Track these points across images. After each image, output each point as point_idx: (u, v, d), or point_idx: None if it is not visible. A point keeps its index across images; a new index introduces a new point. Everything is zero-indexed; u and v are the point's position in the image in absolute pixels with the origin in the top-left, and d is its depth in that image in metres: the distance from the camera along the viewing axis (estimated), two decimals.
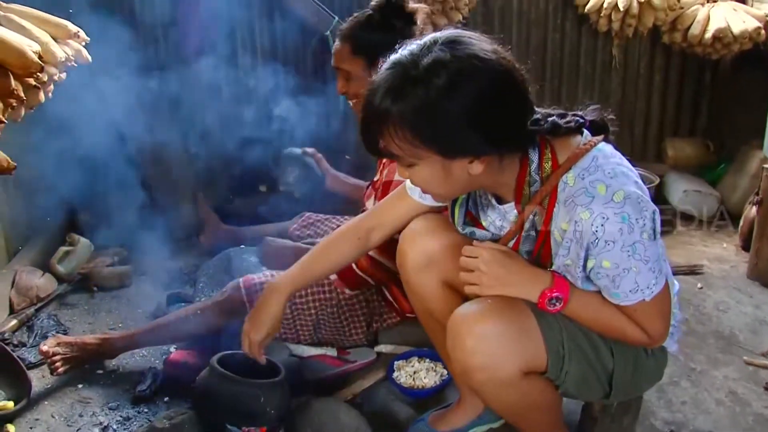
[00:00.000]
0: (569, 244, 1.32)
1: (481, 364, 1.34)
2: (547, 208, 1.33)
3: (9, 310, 2.43)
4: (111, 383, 2.05)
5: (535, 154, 1.34)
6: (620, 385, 1.47)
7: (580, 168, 1.30)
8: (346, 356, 2.13)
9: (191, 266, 2.81)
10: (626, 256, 1.26)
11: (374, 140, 1.29)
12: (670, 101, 3.74)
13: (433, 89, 1.20)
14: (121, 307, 2.56)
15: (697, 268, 2.77)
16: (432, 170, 1.29)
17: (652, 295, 1.32)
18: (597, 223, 1.25)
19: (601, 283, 1.34)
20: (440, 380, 1.97)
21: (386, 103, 1.23)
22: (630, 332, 1.37)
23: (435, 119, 1.22)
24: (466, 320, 1.37)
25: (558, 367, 1.40)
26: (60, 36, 2.18)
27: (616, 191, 1.25)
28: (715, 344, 2.21)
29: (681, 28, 3.32)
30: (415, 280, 1.65)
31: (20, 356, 2.09)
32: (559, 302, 1.35)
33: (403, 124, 1.23)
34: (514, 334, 1.35)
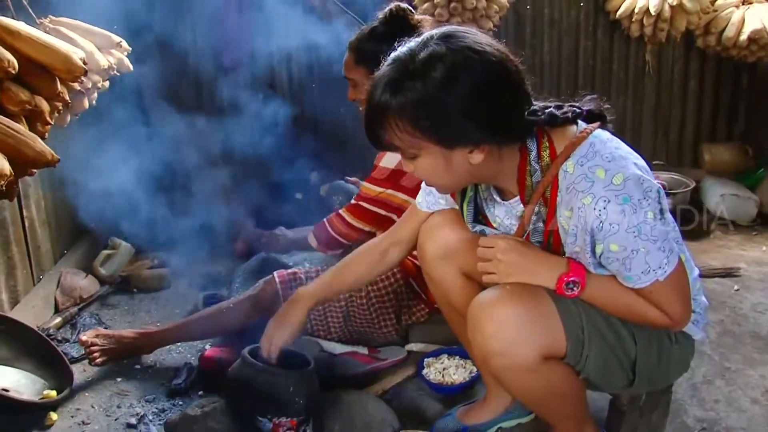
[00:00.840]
0: (575, 231, 1.33)
1: (501, 349, 1.36)
2: (550, 197, 1.35)
3: (54, 309, 2.54)
4: (148, 377, 2.12)
5: (533, 144, 1.36)
6: (644, 373, 1.46)
7: (579, 155, 1.32)
8: (376, 354, 2.16)
9: (227, 269, 2.88)
10: (632, 237, 1.27)
11: (377, 133, 1.34)
12: (706, 106, 3.70)
13: (430, 82, 1.24)
14: (159, 308, 2.65)
15: (733, 270, 2.72)
16: (433, 160, 1.32)
17: (666, 275, 1.31)
18: (599, 207, 1.26)
19: (613, 267, 1.34)
20: (469, 377, 1.98)
21: (386, 97, 1.28)
22: (651, 315, 1.36)
23: (433, 111, 1.26)
24: (486, 306, 1.39)
25: (578, 352, 1.40)
26: (104, 46, 2.30)
27: (615, 174, 1.27)
28: (752, 344, 2.17)
29: (715, 31, 3.29)
30: (435, 271, 1.68)
31: (64, 351, 2.18)
32: (576, 286, 1.36)
33: (402, 117, 1.27)
34: (532, 318, 1.36)
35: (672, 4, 3.15)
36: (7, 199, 1.60)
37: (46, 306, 2.50)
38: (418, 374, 2.03)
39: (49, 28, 2.16)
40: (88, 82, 2.14)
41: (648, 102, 3.69)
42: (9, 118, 1.64)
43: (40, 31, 1.94)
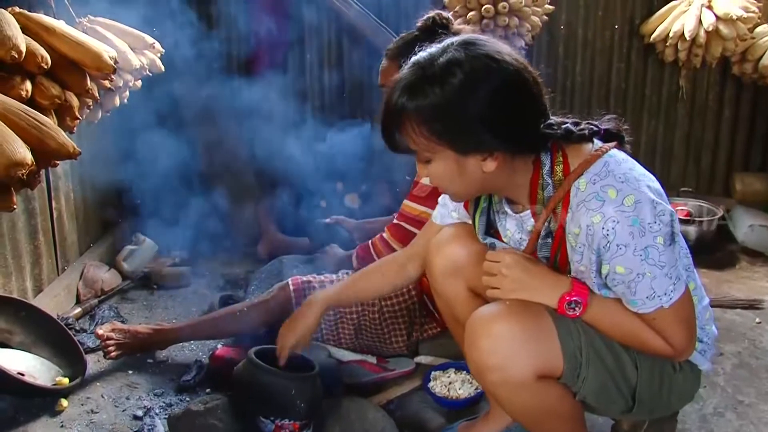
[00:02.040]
0: (582, 249, 1.32)
1: (495, 364, 1.35)
2: (561, 213, 1.34)
3: (75, 299, 2.61)
4: (159, 372, 2.16)
5: (548, 158, 1.36)
6: (645, 400, 1.43)
7: (592, 173, 1.31)
8: (385, 364, 2.16)
9: (247, 271, 2.92)
10: (639, 260, 1.26)
11: (393, 136, 1.35)
12: (741, 134, 3.62)
13: (447, 87, 1.26)
14: (177, 305, 2.70)
15: (756, 303, 2.65)
16: (446, 166, 1.33)
17: (671, 302, 1.30)
18: (608, 227, 1.25)
19: (618, 290, 1.33)
20: (474, 392, 1.97)
21: (403, 100, 1.30)
22: (653, 342, 1.34)
23: (449, 116, 1.27)
24: (483, 320, 1.38)
25: (575, 373, 1.38)
26: (137, 46, 2.37)
27: (627, 195, 1.26)
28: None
29: (752, 58, 3.23)
30: (442, 285, 1.68)
31: (80, 341, 2.23)
32: (578, 307, 1.35)
33: (419, 120, 1.29)
34: (529, 335, 1.35)
35: (708, 29, 3.10)
36: (29, 188, 1.65)
37: (68, 296, 2.57)
38: (423, 387, 2.02)
39: (86, 27, 2.23)
40: (120, 80, 2.21)
41: (680, 127, 3.63)
42: (39, 111, 1.70)
43: (76, 30, 2.02)
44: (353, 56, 3.54)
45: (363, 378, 2.10)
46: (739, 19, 3.09)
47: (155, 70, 2.44)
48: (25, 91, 1.68)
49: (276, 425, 1.73)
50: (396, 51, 2.14)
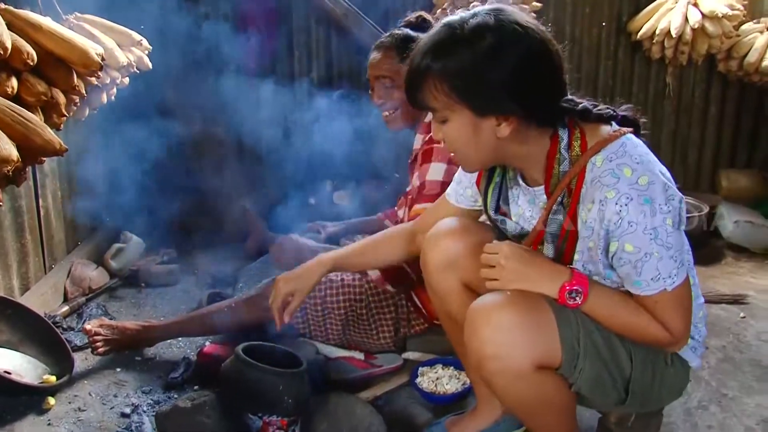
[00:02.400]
0: (593, 224, 1.34)
1: (494, 353, 1.36)
2: (575, 188, 1.37)
3: (63, 298, 2.61)
4: (146, 369, 2.16)
5: (565, 133, 1.38)
6: (637, 393, 1.45)
7: (609, 151, 1.34)
8: (373, 360, 2.17)
9: (235, 269, 2.92)
10: (648, 239, 1.28)
11: (416, 92, 1.38)
12: (726, 131, 3.66)
13: (475, 48, 1.30)
14: (165, 303, 2.70)
15: (741, 298, 2.68)
16: (462, 126, 1.36)
17: (674, 286, 1.32)
18: (621, 203, 1.28)
19: (623, 270, 1.35)
20: (462, 387, 1.98)
21: (429, 56, 1.33)
22: (652, 329, 1.36)
23: (472, 76, 1.31)
24: (483, 310, 1.39)
25: (572, 364, 1.39)
26: (125, 43, 2.36)
27: (641, 175, 1.29)
28: (752, 372, 2.13)
29: (737, 56, 3.26)
30: (437, 280, 1.68)
31: (67, 338, 2.22)
32: (579, 296, 1.36)
33: (442, 78, 1.32)
34: (529, 325, 1.36)
35: (694, 27, 3.13)
36: (15, 185, 1.65)
37: (55, 294, 2.56)
38: (411, 382, 2.03)
39: (73, 24, 2.22)
40: (107, 77, 2.21)
41: (667, 124, 3.66)
42: (26, 108, 1.70)
43: (63, 27, 2.01)
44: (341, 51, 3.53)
45: (351, 374, 2.10)
46: (724, 17, 3.12)
47: (143, 68, 2.44)
48: (11, 87, 1.68)
49: (264, 421, 1.74)
50: (399, 42, 2.14)
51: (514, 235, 1.55)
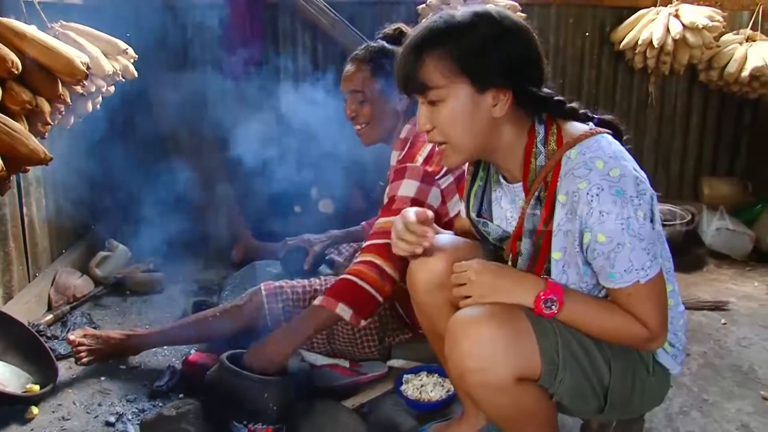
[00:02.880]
0: (568, 216, 1.36)
1: (476, 366, 1.36)
2: (551, 182, 1.39)
3: (47, 306, 2.59)
4: (131, 378, 2.15)
5: (542, 128, 1.42)
6: (616, 400, 1.46)
7: (583, 146, 1.36)
8: (357, 368, 2.17)
9: (220, 277, 2.92)
10: (620, 229, 1.30)
11: (414, 71, 1.39)
12: (708, 140, 3.72)
13: (476, 28, 1.36)
14: (150, 311, 2.69)
15: (722, 304, 2.72)
16: (460, 104, 1.38)
17: (648, 278, 1.33)
18: (592, 193, 1.30)
19: (597, 263, 1.36)
20: (446, 395, 1.99)
21: (429, 37, 1.38)
22: (629, 328, 1.37)
23: (474, 48, 1.35)
24: (463, 323, 1.40)
25: (552, 374, 1.40)
26: (110, 52, 2.37)
27: (613, 168, 1.31)
28: (732, 378, 2.16)
29: (717, 66, 3.32)
30: (424, 300, 1.67)
31: (51, 347, 2.21)
32: (554, 305, 1.38)
33: (442, 53, 1.36)
34: (509, 338, 1.37)
35: (675, 37, 3.18)
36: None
37: (39, 303, 2.54)
38: (396, 390, 2.04)
39: (58, 32, 2.23)
40: (92, 86, 2.21)
41: (650, 133, 3.71)
42: (10, 117, 1.70)
43: (47, 35, 2.01)
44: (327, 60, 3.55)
45: (336, 382, 2.10)
46: (704, 28, 3.17)
47: (128, 76, 2.44)
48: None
49: (249, 429, 1.74)
50: (374, 55, 2.16)
51: (496, 239, 1.56)
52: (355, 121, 2.19)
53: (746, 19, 3.51)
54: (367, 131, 2.19)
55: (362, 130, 2.19)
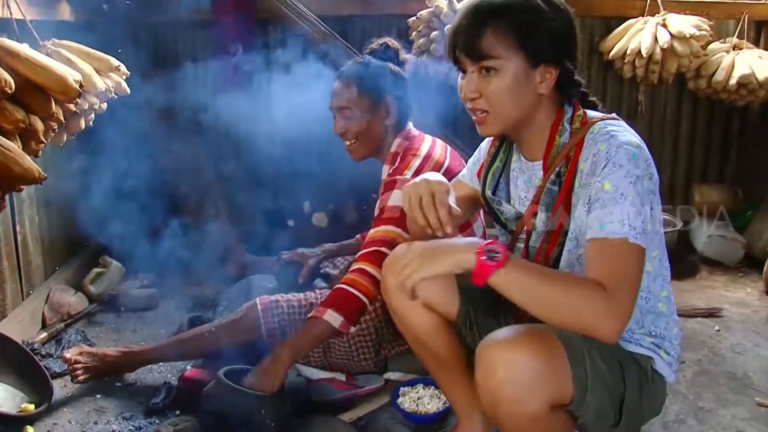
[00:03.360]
0: (587, 181, 1.40)
1: (513, 398, 1.30)
2: (573, 157, 1.44)
3: (41, 324, 2.58)
4: (127, 395, 2.15)
5: (570, 109, 1.49)
6: (630, 411, 1.44)
7: (607, 123, 1.44)
8: (354, 381, 2.17)
9: (215, 292, 2.91)
10: (627, 182, 1.32)
11: (477, 39, 1.42)
12: (698, 147, 3.75)
13: (534, 6, 1.42)
14: (145, 327, 2.68)
15: (716, 311, 2.73)
16: (513, 76, 1.42)
17: (636, 240, 1.30)
18: (612, 152, 1.35)
19: (594, 216, 1.34)
20: (443, 407, 1.99)
21: (492, 8, 1.42)
22: (585, 294, 1.27)
23: (536, 23, 1.41)
24: (497, 348, 1.33)
25: (582, 398, 1.37)
26: (102, 69, 2.37)
27: (633, 139, 1.38)
28: (727, 384, 2.18)
29: (705, 74, 3.35)
30: (396, 302, 1.68)
31: (46, 366, 2.20)
32: (497, 255, 1.29)
33: (506, 26, 1.41)
34: (545, 365, 1.32)
35: (663, 47, 3.21)
36: None
37: (33, 321, 2.53)
38: (392, 403, 2.04)
39: (50, 50, 2.23)
40: (85, 103, 2.21)
41: None
42: (3, 136, 1.70)
43: (40, 53, 2.02)
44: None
45: (332, 395, 2.10)
46: (692, 37, 3.20)
47: (121, 93, 2.44)
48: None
49: None
50: (361, 72, 2.18)
51: (508, 218, 1.59)
52: (344, 137, 2.20)
53: (732, 27, 3.55)
54: (356, 147, 2.20)
55: (352, 146, 2.20)
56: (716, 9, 3.52)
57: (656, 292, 1.52)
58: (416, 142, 2.17)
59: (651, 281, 1.50)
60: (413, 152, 2.12)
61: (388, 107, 2.17)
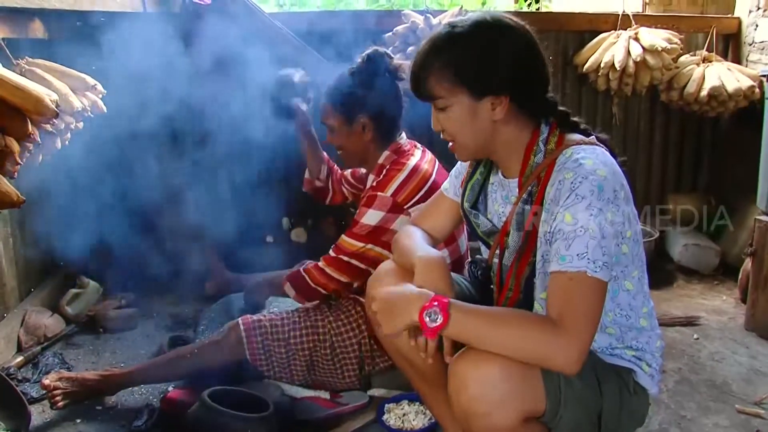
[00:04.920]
0: (550, 207, 1.41)
1: (484, 411, 1.34)
2: (544, 177, 1.45)
3: (17, 348, 2.51)
4: (109, 419, 2.10)
5: (546, 129, 1.51)
6: (609, 423, 1.47)
7: (580, 148, 1.44)
8: (338, 399, 2.16)
9: (195, 311, 2.88)
10: (589, 214, 1.33)
11: (422, 83, 1.50)
12: (672, 157, 3.82)
13: (474, 38, 1.46)
14: (125, 348, 2.63)
15: (694, 319, 2.78)
16: (462, 111, 1.47)
17: (594, 274, 1.31)
18: (576, 181, 1.36)
19: (555, 247, 1.37)
20: (428, 423, 1.99)
21: (433, 51, 1.48)
22: (539, 330, 1.31)
23: (470, 62, 1.45)
24: (469, 363, 1.36)
25: (555, 411, 1.40)
26: (78, 88, 2.33)
27: (600, 169, 1.37)
28: (708, 393, 2.21)
29: (677, 86, 3.42)
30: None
31: (23, 391, 2.15)
32: (438, 316, 1.33)
33: (444, 67, 1.46)
34: (516, 379, 1.34)
35: (636, 60, 3.27)
36: None
37: (8, 345, 2.47)
38: (378, 420, 2.03)
39: (24, 69, 2.19)
40: (61, 123, 2.17)
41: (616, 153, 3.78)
42: None
43: (13, 73, 1.98)
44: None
45: (317, 414, 2.09)
46: (663, 50, 3.26)
47: (97, 111, 2.41)
48: None
49: None
50: (334, 90, 2.25)
51: (484, 232, 1.62)
52: (336, 149, 2.33)
53: (701, 40, 3.63)
54: (343, 157, 2.35)
55: (341, 155, 2.34)
56: (685, 23, 3.61)
57: (637, 309, 1.54)
58: (404, 157, 2.20)
59: (632, 299, 1.53)
60: (399, 167, 2.16)
61: (364, 125, 2.20)
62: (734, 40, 3.67)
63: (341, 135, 2.25)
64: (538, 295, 1.50)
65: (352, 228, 2.18)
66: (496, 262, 1.60)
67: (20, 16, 2.27)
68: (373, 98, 2.19)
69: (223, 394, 1.84)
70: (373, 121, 2.22)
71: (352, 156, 2.32)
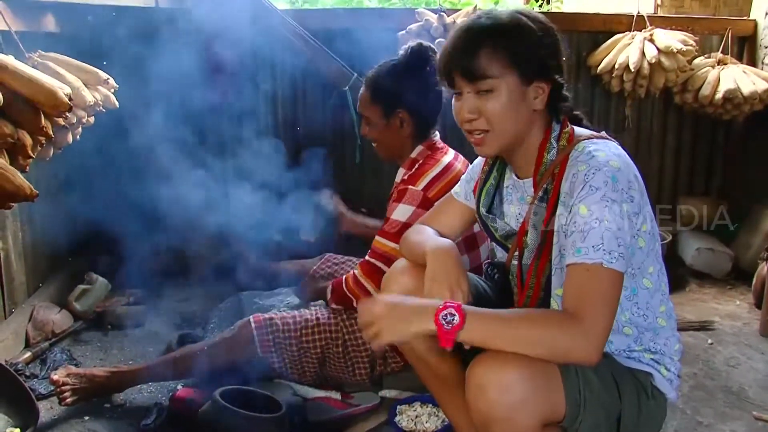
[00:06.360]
0: (566, 200, 1.41)
1: (504, 416, 1.30)
2: (558, 173, 1.45)
3: (25, 343, 2.50)
4: (117, 417, 2.09)
5: (558, 126, 1.51)
6: (628, 427, 1.44)
7: (592, 142, 1.45)
8: (350, 399, 2.14)
9: (204, 309, 2.86)
10: (603, 205, 1.33)
11: (472, 60, 1.44)
12: (684, 160, 3.78)
13: (523, 25, 1.46)
14: (133, 345, 2.61)
15: (708, 324, 2.74)
16: (509, 94, 1.44)
17: (611, 266, 1.30)
18: (590, 174, 1.36)
19: (571, 239, 1.37)
20: (441, 425, 1.97)
21: (487, 31, 1.46)
22: (558, 325, 1.31)
23: (527, 42, 1.45)
24: (487, 367, 1.33)
25: (575, 416, 1.37)
26: (91, 82, 2.32)
27: (613, 159, 1.37)
28: (724, 399, 2.18)
29: (692, 89, 3.38)
30: None
31: (31, 387, 2.13)
32: (454, 317, 1.31)
33: (498, 46, 1.44)
34: (536, 384, 1.31)
35: (651, 61, 3.24)
36: None
37: (16, 340, 2.46)
38: (390, 421, 2.01)
39: (37, 63, 2.18)
40: (73, 117, 2.15)
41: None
42: None
43: (28, 66, 1.96)
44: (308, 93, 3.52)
45: (329, 414, 2.07)
46: (679, 52, 3.23)
47: (109, 106, 2.39)
48: None
49: None
50: (375, 79, 2.21)
51: (502, 235, 1.61)
52: (372, 140, 2.30)
53: (716, 43, 3.60)
54: (378, 150, 2.31)
55: (376, 148, 2.31)
56: (701, 24, 3.58)
57: (655, 308, 1.52)
58: (438, 153, 2.18)
59: (650, 297, 1.51)
60: (432, 162, 2.14)
61: (403, 120, 2.17)
62: (750, 42, 3.63)
63: (377, 128, 2.22)
64: (554, 291, 1.49)
65: (383, 226, 2.16)
66: (515, 264, 1.58)
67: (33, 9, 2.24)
68: (414, 93, 2.15)
69: (233, 394, 1.81)
70: (411, 117, 2.18)
71: (387, 150, 2.28)
